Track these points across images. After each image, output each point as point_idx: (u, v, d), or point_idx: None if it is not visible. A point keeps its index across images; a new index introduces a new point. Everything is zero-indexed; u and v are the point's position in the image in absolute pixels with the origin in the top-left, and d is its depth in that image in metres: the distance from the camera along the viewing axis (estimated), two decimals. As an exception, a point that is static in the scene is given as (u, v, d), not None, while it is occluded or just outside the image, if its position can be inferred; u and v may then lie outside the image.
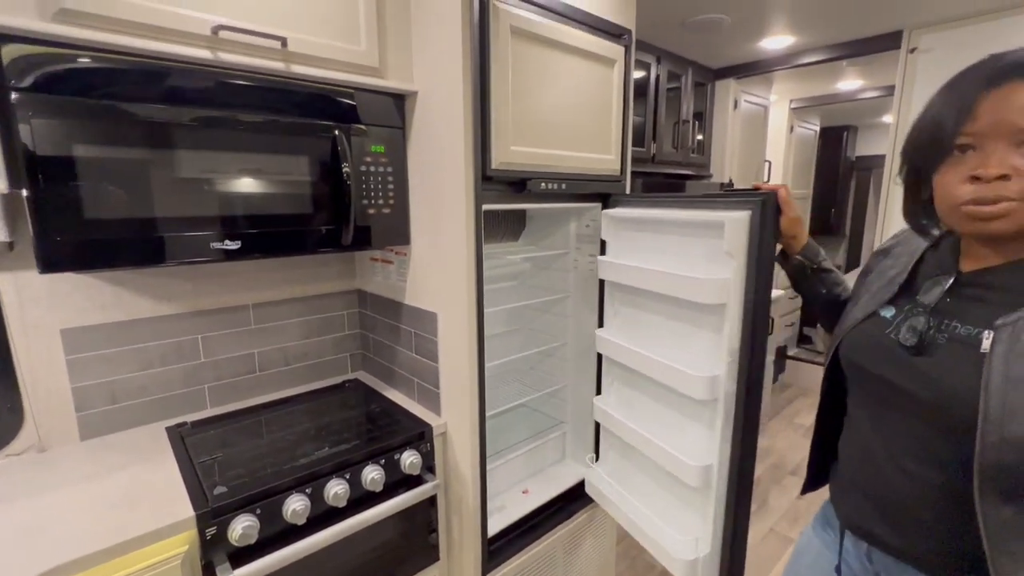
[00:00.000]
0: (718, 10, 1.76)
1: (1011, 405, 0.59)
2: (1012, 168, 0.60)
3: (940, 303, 0.70)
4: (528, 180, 1.32)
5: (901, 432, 0.72)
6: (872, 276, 0.86)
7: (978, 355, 0.63)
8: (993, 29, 1.77)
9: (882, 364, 0.74)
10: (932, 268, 0.75)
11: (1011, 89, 0.60)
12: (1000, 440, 0.59)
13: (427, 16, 1.24)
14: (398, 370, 1.57)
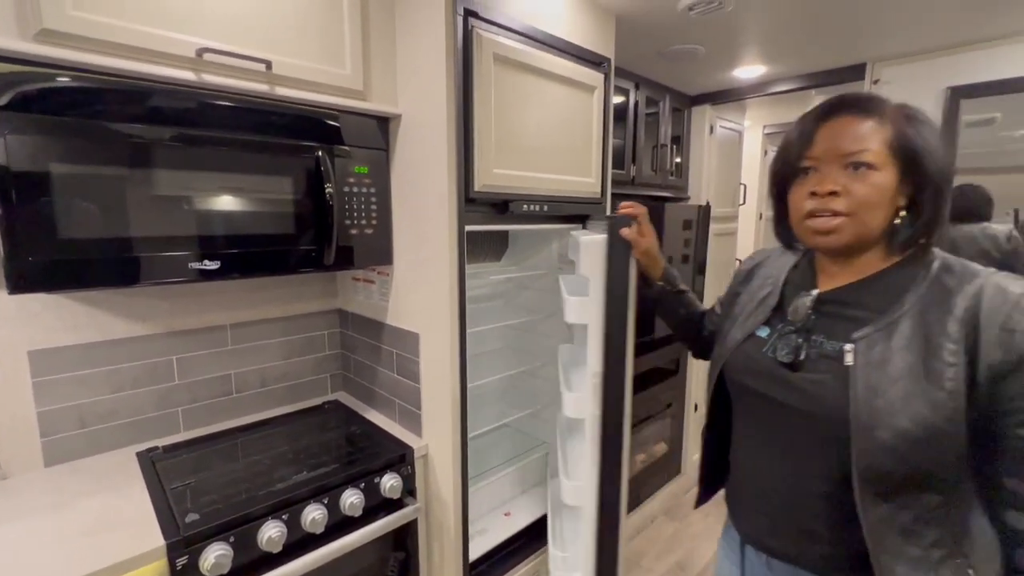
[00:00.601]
0: (693, 41, 1.83)
1: (875, 412, 0.65)
2: (841, 186, 0.68)
3: (806, 321, 0.76)
4: (510, 202, 1.34)
5: (786, 446, 0.77)
6: (743, 298, 0.90)
7: (843, 368, 0.69)
8: (946, 64, 1.88)
9: (763, 381, 0.78)
10: (796, 288, 0.81)
11: (840, 121, 0.70)
12: (871, 446, 0.65)
13: (412, 41, 1.26)
14: (379, 391, 1.56)
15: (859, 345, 0.68)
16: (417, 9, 1.23)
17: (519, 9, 1.31)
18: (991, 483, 0.66)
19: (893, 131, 0.68)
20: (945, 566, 0.65)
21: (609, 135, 1.63)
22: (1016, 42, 1.75)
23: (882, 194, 0.68)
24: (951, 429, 0.62)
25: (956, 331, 0.63)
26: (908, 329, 0.66)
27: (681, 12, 1.56)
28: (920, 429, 0.62)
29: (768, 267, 0.90)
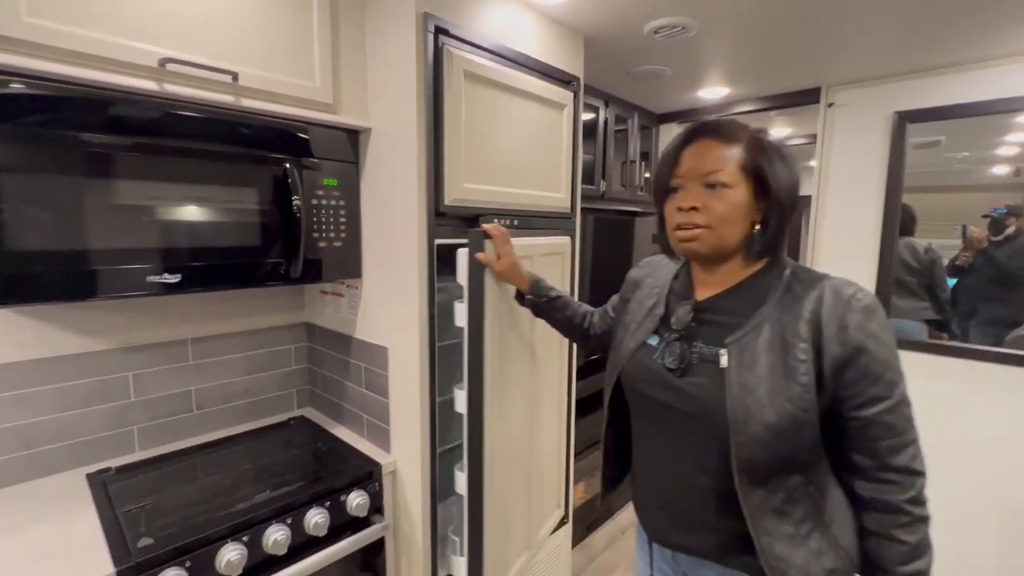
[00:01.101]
0: (659, 63, 1.90)
1: (747, 408, 0.73)
2: (701, 202, 0.77)
3: (687, 328, 0.83)
4: (481, 216, 1.35)
5: (678, 446, 0.83)
6: (632, 305, 0.97)
7: (719, 370, 0.77)
8: (894, 89, 2.00)
9: (655, 387, 0.84)
10: (678, 298, 0.88)
11: (700, 145, 0.78)
12: (746, 439, 0.72)
13: (383, 57, 1.27)
14: (347, 406, 1.53)
15: (731, 348, 0.76)
16: (388, 25, 1.24)
17: (490, 28, 1.33)
18: (841, 459, 0.77)
19: (746, 155, 0.76)
20: (812, 538, 0.74)
21: (578, 151, 1.66)
22: (958, 71, 1.88)
23: (736, 209, 0.76)
24: (807, 417, 0.71)
25: (805, 331, 0.73)
26: (769, 331, 0.75)
27: (647, 35, 1.61)
28: (784, 420, 0.71)
29: (655, 277, 0.97)
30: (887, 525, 0.74)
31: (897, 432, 0.72)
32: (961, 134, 2.09)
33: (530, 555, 1.52)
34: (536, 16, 1.47)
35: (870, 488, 0.75)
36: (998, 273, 2.26)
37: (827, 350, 0.71)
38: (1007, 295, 2.31)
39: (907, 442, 0.73)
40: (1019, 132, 2.70)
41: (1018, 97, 1.78)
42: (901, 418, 0.72)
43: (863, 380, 0.71)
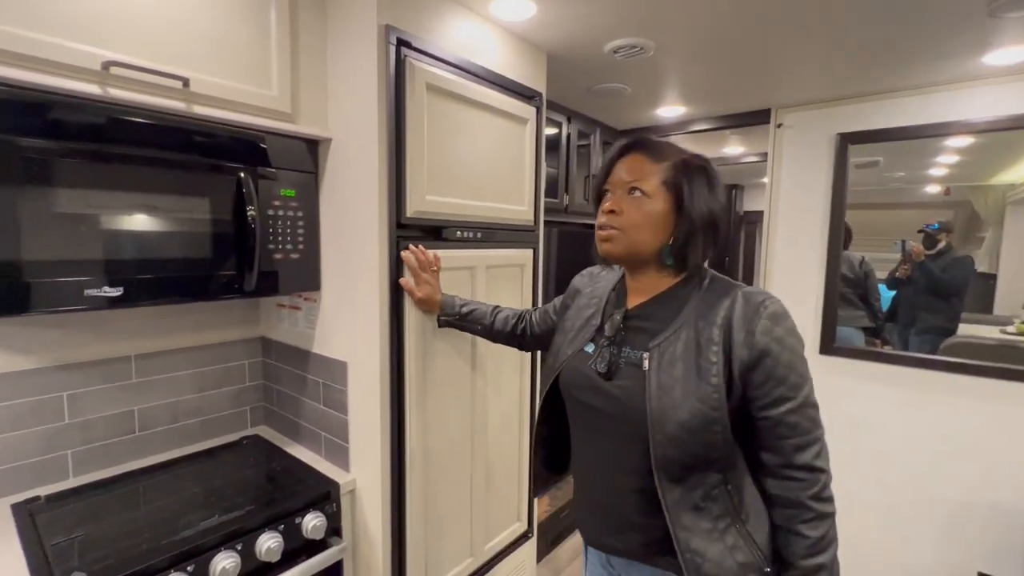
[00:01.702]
0: (620, 81, 1.95)
1: (663, 408, 0.77)
2: (619, 207, 0.84)
3: (617, 334, 0.87)
4: (443, 228, 1.34)
5: (607, 450, 0.87)
6: (572, 312, 1.01)
7: (642, 373, 0.81)
8: (837, 112, 2.13)
9: (587, 392, 0.88)
10: (612, 308, 0.93)
11: (630, 158, 0.86)
12: (662, 437, 0.77)
13: (344, 67, 1.25)
14: (304, 424, 1.47)
15: (653, 352, 0.81)
16: (349, 36, 1.23)
17: (453, 42, 1.34)
18: (753, 457, 0.81)
19: (670, 172, 0.82)
20: (729, 533, 0.78)
21: (541, 165, 1.68)
22: (894, 97, 2.01)
23: (649, 218, 0.83)
24: (717, 416, 0.75)
25: (717, 335, 0.78)
26: (686, 336, 0.80)
27: (607, 54, 1.66)
28: (696, 420, 0.75)
29: (594, 287, 1.01)
30: (792, 520, 0.78)
31: (801, 431, 0.76)
32: (897, 156, 2.25)
33: (474, 561, 1.51)
34: (500, 32, 1.49)
35: (777, 485, 0.79)
36: (933, 284, 2.43)
37: (736, 353, 0.76)
38: (941, 305, 2.47)
39: (811, 441, 0.77)
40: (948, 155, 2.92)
41: (946, 122, 1.92)
42: (805, 418, 0.77)
43: (768, 382, 0.76)
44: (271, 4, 1.17)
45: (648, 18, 1.42)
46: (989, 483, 1.89)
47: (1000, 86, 1.81)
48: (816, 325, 2.23)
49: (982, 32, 1.45)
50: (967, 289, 2.56)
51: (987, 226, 3.39)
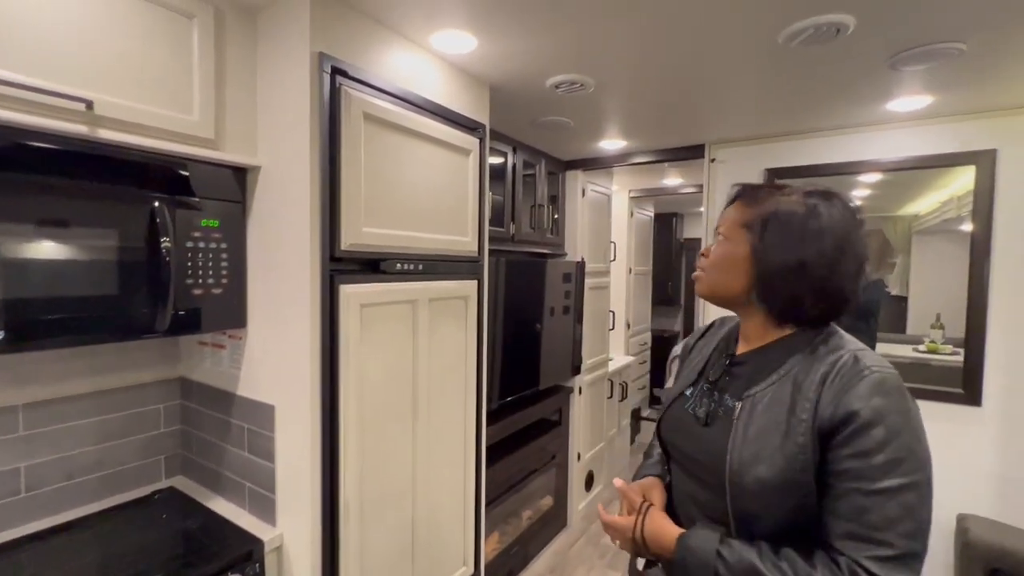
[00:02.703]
0: (562, 115, 2.00)
1: (743, 459, 0.72)
2: (708, 250, 0.86)
3: (720, 380, 0.84)
4: (382, 261, 1.29)
5: (695, 495, 0.82)
6: (692, 354, 0.99)
7: (731, 421, 0.77)
8: (764, 149, 2.28)
9: (681, 436, 0.86)
10: (720, 353, 0.90)
11: (730, 206, 0.86)
12: (740, 491, 0.71)
13: (275, 94, 1.20)
14: (226, 473, 1.34)
15: (746, 402, 0.76)
16: (280, 63, 1.18)
17: (394, 72, 1.31)
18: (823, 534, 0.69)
19: (751, 216, 0.79)
20: None
21: (485, 196, 1.67)
22: (815, 137, 2.17)
23: (723, 260, 0.82)
24: (804, 479, 0.67)
25: (812, 392, 0.70)
26: (784, 389, 0.73)
27: (549, 88, 1.69)
28: (776, 478, 0.68)
29: (719, 331, 0.97)
30: None
31: (869, 524, 0.64)
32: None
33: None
34: (442, 64, 1.48)
35: (820, 558, 0.67)
36: (856, 306, 2.61)
37: (821, 409, 0.68)
38: (861, 326, 2.66)
39: (876, 539, 0.64)
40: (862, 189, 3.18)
41: (859, 161, 2.08)
42: (886, 508, 0.64)
43: (844, 449, 0.66)
44: (193, 26, 1.10)
45: (586, 57, 1.46)
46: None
47: (903, 130, 1.99)
48: (752, 350, 2.32)
49: (885, 83, 1.60)
50: (880, 310, 2.77)
51: (897, 253, 3.72)
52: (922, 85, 1.61)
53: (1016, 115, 1.80)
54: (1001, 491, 1.85)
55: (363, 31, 1.23)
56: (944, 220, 3.14)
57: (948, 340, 3.36)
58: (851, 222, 0.77)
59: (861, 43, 1.33)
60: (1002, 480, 1.85)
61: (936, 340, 3.33)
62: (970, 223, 3.29)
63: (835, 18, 1.20)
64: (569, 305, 2.72)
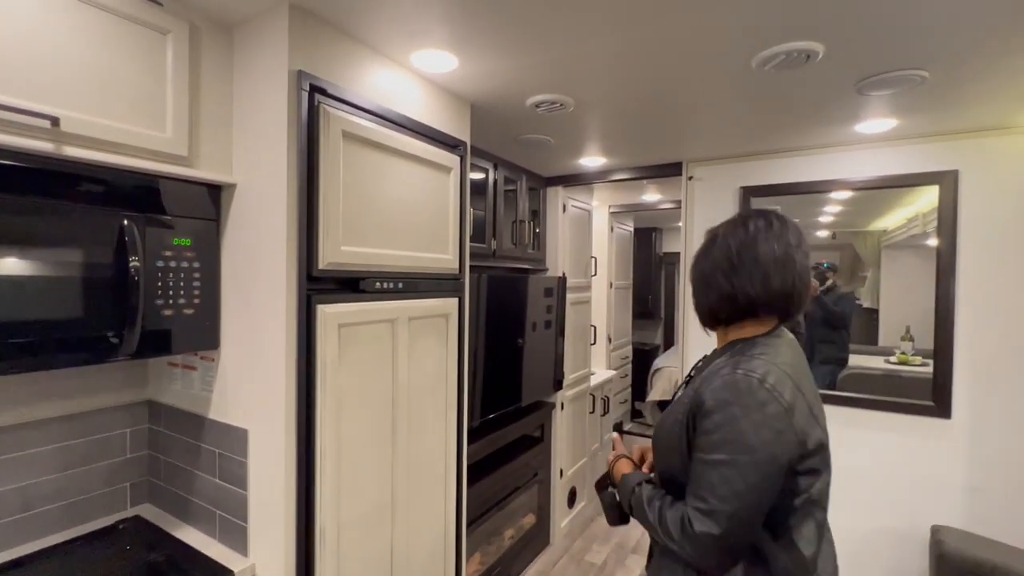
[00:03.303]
0: (543, 133, 2.02)
1: (660, 429, 0.97)
2: None
3: (689, 380, 1.03)
4: (361, 279, 1.27)
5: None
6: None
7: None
8: (740, 168, 2.33)
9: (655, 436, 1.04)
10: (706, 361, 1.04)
11: None
12: (656, 451, 1.00)
13: (252, 111, 1.18)
14: (196, 501, 1.29)
15: (681, 391, 0.97)
16: (258, 80, 1.16)
17: (373, 90, 1.31)
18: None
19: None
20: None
21: (466, 213, 1.66)
22: (788, 156, 2.23)
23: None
24: (680, 446, 0.90)
25: (699, 384, 0.90)
26: (696, 383, 0.92)
27: (529, 107, 1.70)
28: (669, 443, 0.93)
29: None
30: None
31: (697, 482, 0.85)
32: (793, 206, 2.46)
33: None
34: (423, 83, 1.48)
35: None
36: (828, 316, 2.69)
37: (691, 398, 0.89)
38: (834, 337, 2.73)
39: (700, 495, 0.84)
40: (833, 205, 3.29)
41: (830, 180, 2.15)
42: (704, 475, 0.85)
43: (698, 429, 0.86)
44: (167, 42, 1.08)
45: (565, 77, 1.48)
46: (889, 511, 2.03)
47: (870, 151, 2.07)
48: (731, 364, 2.35)
49: (853, 107, 1.66)
50: (852, 322, 2.87)
51: (867, 267, 3.84)
52: (888, 109, 1.68)
53: (974, 138, 1.89)
54: (973, 502, 1.89)
55: (342, 49, 1.23)
56: (911, 235, 3.26)
57: (918, 351, 3.47)
58: (745, 239, 0.90)
59: (830, 69, 1.38)
60: (973, 491, 1.89)
61: (906, 352, 3.43)
62: (935, 239, 3.43)
63: (805, 45, 1.24)
64: (551, 320, 2.72)
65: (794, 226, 0.91)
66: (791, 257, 0.88)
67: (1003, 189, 1.86)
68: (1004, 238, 1.86)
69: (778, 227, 0.90)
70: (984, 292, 1.89)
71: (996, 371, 1.87)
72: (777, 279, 0.87)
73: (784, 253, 0.88)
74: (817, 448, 0.84)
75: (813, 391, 0.89)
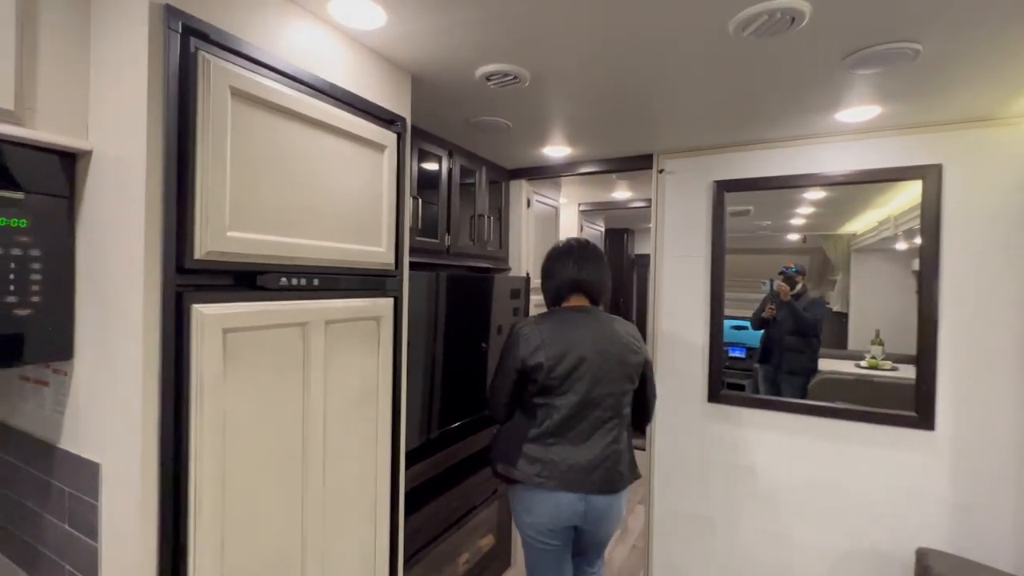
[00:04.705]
0: (499, 114, 1.81)
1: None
2: None
3: None
4: (261, 274, 1.04)
5: None
6: None
7: None
8: (714, 160, 2.17)
9: None
10: None
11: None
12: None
13: (108, 56, 0.93)
14: (44, 551, 1.03)
15: None
16: (113, 17, 0.91)
17: (281, 46, 1.07)
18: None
19: None
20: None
21: (405, 199, 1.44)
22: (765, 148, 2.07)
23: None
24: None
25: None
26: None
27: (480, 81, 1.49)
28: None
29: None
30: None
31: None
32: (766, 206, 2.33)
33: None
34: (348, 43, 1.25)
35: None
36: (798, 322, 2.57)
37: None
38: (803, 345, 2.61)
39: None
40: (806, 206, 3.18)
41: (808, 174, 2.00)
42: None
43: None
44: (-18, -43, 0.83)
45: (517, 43, 1.27)
46: (870, 529, 1.89)
47: (851, 143, 1.92)
48: (703, 371, 2.18)
49: (837, 88, 1.50)
50: (822, 327, 2.76)
51: (837, 270, 3.76)
52: (873, 92, 1.53)
53: (960, 130, 1.76)
54: (959, 521, 1.76)
55: (236, -12, 0.99)
56: (881, 239, 3.18)
57: (887, 356, 3.40)
58: (551, 258, 1.69)
59: (816, 38, 1.21)
60: (960, 509, 1.76)
61: (876, 356, 3.35)
62: (903, 242, 3.35)
63: (789, 4, 1.07)
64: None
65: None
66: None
67: (989, 184, 1.73)
68: (990, 235, 1.73)
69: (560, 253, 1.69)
70: (969, 292, 1.76)
71: (982, 377, 1.74)
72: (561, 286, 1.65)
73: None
74: (535, 367, 1.48)
75: (564, 338, 1.50)
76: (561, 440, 1.46)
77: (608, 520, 1.50)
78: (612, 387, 1.48)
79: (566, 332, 1.50)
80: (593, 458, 1.44)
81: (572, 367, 1.45)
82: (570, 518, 1.46)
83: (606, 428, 1.48)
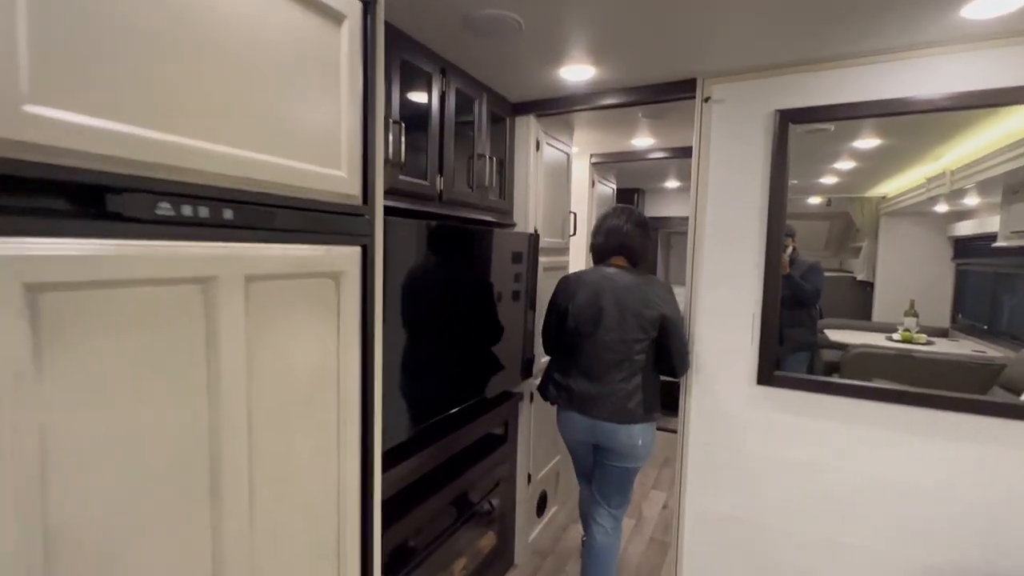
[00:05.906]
0: (507, 7, 1.34)
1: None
2: None
3: None
4: (116, 191, 0.60)
5: None
6: None
7: None
8: (775, 84, 1.71)
9: None
10: None
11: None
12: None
13: None
14: None
15: None
16: None
17: None
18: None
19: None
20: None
21: (375, 105, 0.99)
22: (844, 66, 1.61)
23: None
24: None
25: None
26: None
27: (485, -67, 1.02)
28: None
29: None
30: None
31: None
32: (795, 162, 1.85)
33: None
34: None
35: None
36: (797, 293, 2.17)
37: None
38: (801, 318, 2.22)
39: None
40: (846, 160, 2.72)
41: (903, 99, 1.55)
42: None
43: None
44: None
45: None
46: (951, 543, 1.54)
47: (974, 53, 1.46)
48: (752, 348, 1.79)
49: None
50: (820, 295, 2.35)
51: (863, 236, 3.34)
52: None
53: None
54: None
55: None
56: (928, 199, 2.75)
57: (922, 328, 3.01)
58: (604, 217, 1.95)
59: None
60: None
61: (910, 328, 2.97)
62: (945, 203, 2.89)
63: None
64: (520, 290, 2.10)
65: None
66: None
67: None
68: None
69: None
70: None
71: None
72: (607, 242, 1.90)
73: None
74: (565, 311, 1.83)
75: (592, 290, 1.79)
76: (579, 373, 1.78)
77: (617, 439, 1.73)
78: (624, 334, 1.71)
79: (597, 285, 1.78)
80: (603, 390, 1.72)
81: (593, 315, 1.75)
82: (583, 434, 1.81)
83: (617, 368, 1.73)
